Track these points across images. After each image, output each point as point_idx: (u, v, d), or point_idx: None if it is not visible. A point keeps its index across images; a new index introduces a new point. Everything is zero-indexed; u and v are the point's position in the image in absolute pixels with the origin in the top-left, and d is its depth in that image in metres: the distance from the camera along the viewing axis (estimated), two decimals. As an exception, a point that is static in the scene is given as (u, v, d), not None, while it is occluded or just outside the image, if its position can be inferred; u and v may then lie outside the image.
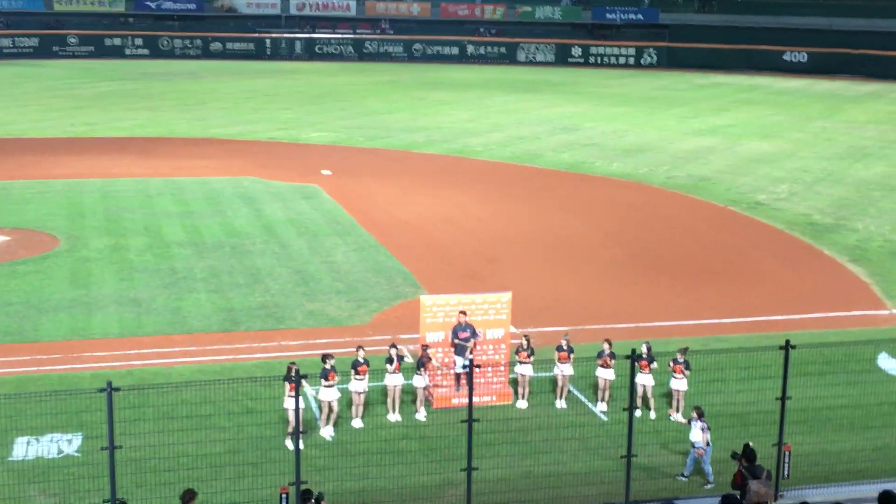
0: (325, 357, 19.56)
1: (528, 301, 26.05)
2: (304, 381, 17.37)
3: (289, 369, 18.45)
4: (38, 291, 27.36)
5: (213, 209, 37.01)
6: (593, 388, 21.30)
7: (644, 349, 20.12)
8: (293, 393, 18.39)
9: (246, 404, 19.75)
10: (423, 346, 20.62)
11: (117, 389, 14.88)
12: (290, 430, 18.86)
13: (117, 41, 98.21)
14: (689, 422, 18.05)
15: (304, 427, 19.15)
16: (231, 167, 45.01)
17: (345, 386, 19.83)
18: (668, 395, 20.79)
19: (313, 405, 20.06)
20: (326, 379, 19.28)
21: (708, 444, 17.78)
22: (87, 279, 28.56)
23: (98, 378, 20.23)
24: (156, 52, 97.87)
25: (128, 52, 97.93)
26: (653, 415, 20.35)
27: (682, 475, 18.03)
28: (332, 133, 55.14)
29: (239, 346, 23.87)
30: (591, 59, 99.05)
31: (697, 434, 17.75)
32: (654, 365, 20.35)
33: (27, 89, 73.17)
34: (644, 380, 20.17)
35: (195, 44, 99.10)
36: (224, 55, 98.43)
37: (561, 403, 21.00)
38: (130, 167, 44.60)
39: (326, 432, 19.49)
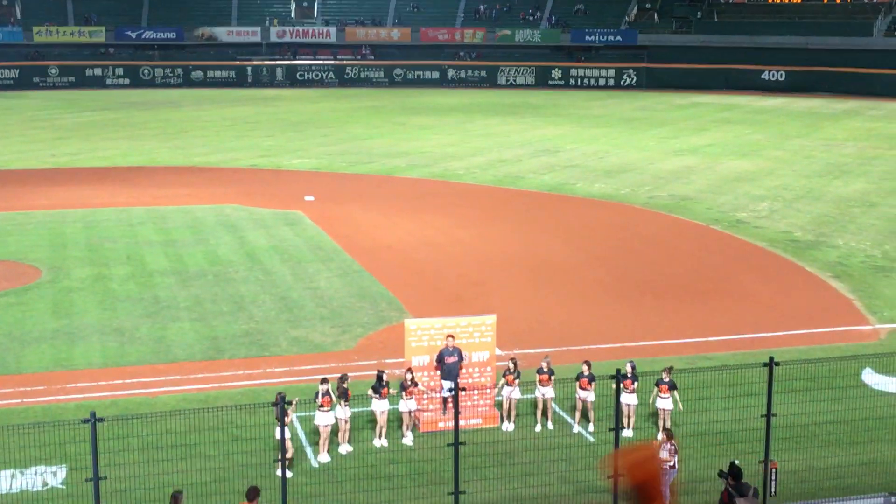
0: (322, 381, 19.64)
1: (512, 323, 26.07)
2: (288, 410, 17.40)
3: (278, 398, 18.59)
4: (21, 323, 27.21)
5: (195, 237, 36.94)
6: (572, 410, 21.36)
7: (628, 368, 20.15)
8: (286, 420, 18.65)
9: (232, 432, 19.66)
10: (407, 369, 20.61)
11: (101, 420, 14.82)
12: (279, 457, 18.91)
13: (98, 71, 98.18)
14: (661, 445, 17.92)
15: (292, 455, 19.19)
16: (213, 195, 44.97)
17: (333, 412, 19.85)
18: (654, 415, 20.83)
19: (300, 432, 19.99)
20: (322, 403, 19.35)
21: (673, 467, 17.64)
22: (69, 310, 28.44)
23: (82, 409, 20.13)
24: (137, 82, 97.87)
25: (109, 81, 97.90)
26: (630, 433, 20.32)
27: None
28: (315, 159, 55.18)
29: (223, 374, 23.78)
30: (572, 81, 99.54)
31: (665, 456, 17.67)
32: (635, 384, 20.33)
33: (8, 121, 73.02)
34: (628, 399, 20.19)
35: (176, 72, 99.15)
36: (205, 83, 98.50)
37: (545, 426, 20.98)
38: (112, 197, 44.52)
39: (324, 458, 19.50)
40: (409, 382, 20.28)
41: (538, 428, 20.99)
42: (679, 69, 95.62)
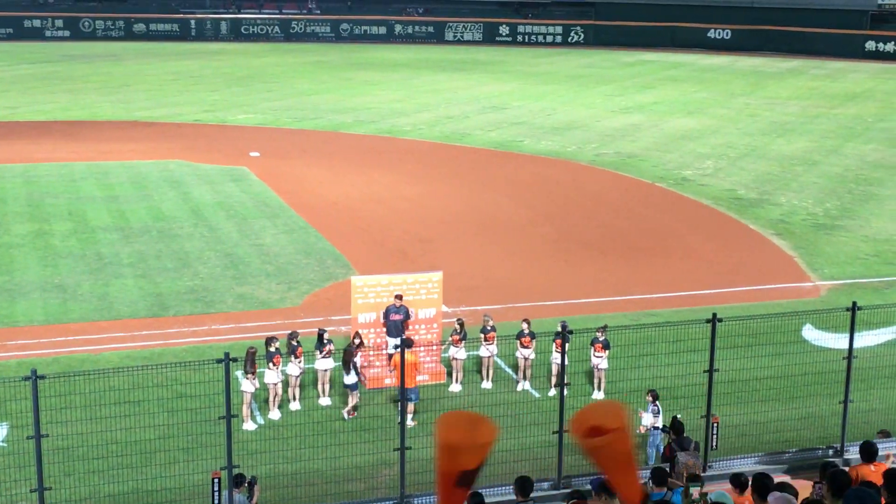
0: (269, 340, 19.66)
1: (459, 280, 26.13)
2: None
3: (248, 354, 18.97)
4: (-40, 280, 26.74)
5: (139, 193, 36.47)
6: (514, 368, 21.52)
7: (559, 327, 20.15)
8: (251, 376, 19.06)
9: (177, 389, 19.55)
10: (356, 333, 20.42)
11: (42, 377, 14.63)
12: (245, 412, 19.05)
13: (37, 23, 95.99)
14: (648, 408, 18.06)
15: (251, 410, 19.35)
16: (157, 150, 44.36)
17: (284, 368, 19.87)
18: (588, 374, 21.04)
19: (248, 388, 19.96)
20: (272, 362, 19.37)
21: (659, 429, 17.86)
22: (9, 266, 28.01)
23: (23, 366, 19.86)
24: (77, 34, 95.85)
25: (48, 33, 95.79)
26: (552, 392, 20.43)
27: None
28: (260, 115, 54.61)
29: (168, 332, 23.61)
30: (519, 38, 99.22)
31: (649, 419, 17.88)
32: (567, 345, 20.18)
33: (-56, 73, 71.28)
34: (559, 358, 20.13)
35: (118, 25, 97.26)
36: (148, 36, 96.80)
37: (487, 384, 21.11)
38: (53, 151, 43.73)
39: (274, 414, 19.58)
40: (354, 349, 20.11)
41: (485, 385, 21.12)
42: (626, 27, 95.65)
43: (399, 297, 20.78)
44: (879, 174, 41.81)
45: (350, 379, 19.72)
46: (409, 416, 19.02)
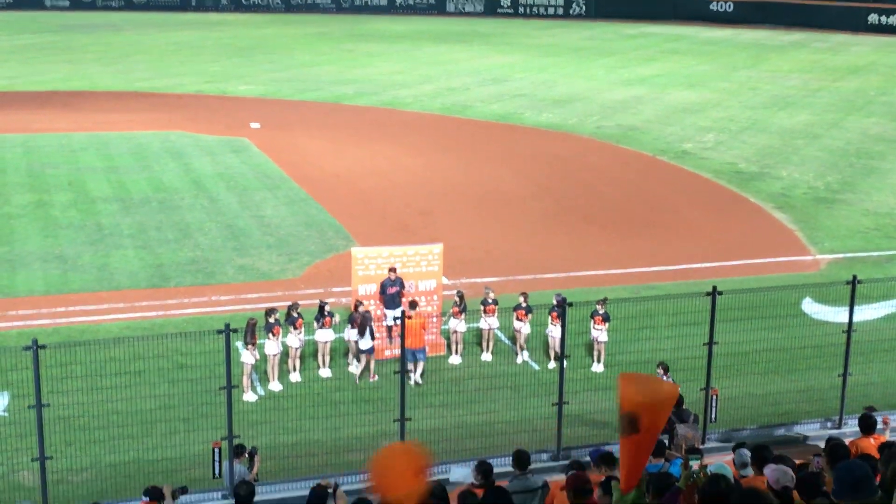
0: (269, 311, 19.71)
1: (459, 252, 26.14)
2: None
3: (248, 325, 19.02)
4: (-40, 250, 26.75)
5: (139, 164, 36.41)
6: (511, 340, 21.58)
7: (554, 301, 20.17)
8: (251, 347, 19.10)
9: (177, 360, 19.62)
10: (356, 301, 20.54)
11: (43, 347, 14.68)
12: (246, 383, 19.11)
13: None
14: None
15: (251, 381, 19.42)
16: (157, 121, 44.26)
17: (283, 339, 19.92)
18: (588, 347, 21.09)
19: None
20: (272, 333, 19.43)
21: None
22: (10, 236, 28.02)
23: (24, 336, 19.91)
24: (77, 4, 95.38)
25: (48, 3, 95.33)
26: (551, 364, 20.45)
27: None
28: (261, 86, 54.43)
29: (169, 302, 23.64)
30: (521, 10, 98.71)
31: None
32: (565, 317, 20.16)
33: (-57, 42, 71.00)
34: (555, 331, 20.17)
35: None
36: (147, 7, 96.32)
37: (487, 356, 21.18)
38: (53, 122, 43.64)
39: (275, 386, 19.63)
40: (358, 317, 20.24)
41: (485, 357, 21.18)
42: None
43: (393, 269, 20.81)
44: (881, 148, 41.73)
45: (366, 343, 19.93)
46: (418, 374, 19.27)
